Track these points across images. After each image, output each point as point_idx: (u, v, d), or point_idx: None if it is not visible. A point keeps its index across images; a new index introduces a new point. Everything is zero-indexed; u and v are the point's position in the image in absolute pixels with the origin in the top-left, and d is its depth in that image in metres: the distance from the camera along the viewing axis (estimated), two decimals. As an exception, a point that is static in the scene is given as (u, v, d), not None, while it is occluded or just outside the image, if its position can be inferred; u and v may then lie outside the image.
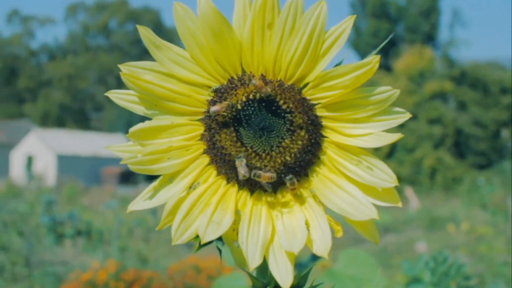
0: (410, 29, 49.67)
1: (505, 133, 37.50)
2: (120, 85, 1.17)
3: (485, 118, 38.41)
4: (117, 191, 30.19)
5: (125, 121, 50.99)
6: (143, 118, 1.20)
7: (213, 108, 1.14)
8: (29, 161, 42.85)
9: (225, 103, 1.14)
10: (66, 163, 41.83)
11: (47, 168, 40.75)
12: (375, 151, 1.15)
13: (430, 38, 50.48)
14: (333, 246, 1.07)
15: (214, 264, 8.54)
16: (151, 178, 1.17)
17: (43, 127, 53.30)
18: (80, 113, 65.58)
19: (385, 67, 44.52)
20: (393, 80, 39.76)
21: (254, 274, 1.21)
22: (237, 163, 1.14)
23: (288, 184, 1.15)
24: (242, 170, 1.14)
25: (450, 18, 57.80)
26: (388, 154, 35.93)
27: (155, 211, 17.77)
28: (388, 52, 48.69)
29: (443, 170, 34.92)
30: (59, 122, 61.54)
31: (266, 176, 1.14)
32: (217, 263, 8.51)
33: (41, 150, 42.98)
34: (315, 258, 3.06)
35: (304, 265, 3.00)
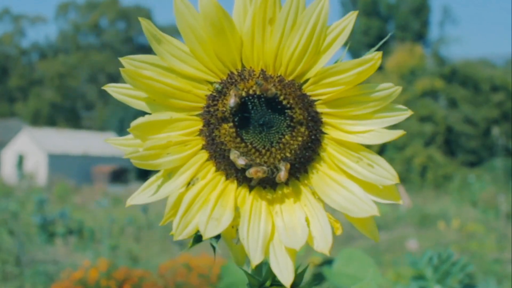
0: (400, 27, 49.87)
1: (495, 130, 37.59)
2: (111, 83, 1.17)
3: (476, 116, 38.55)
4: (108, 189, 30.07)
5: (117, 120, 50.91)
6: (136, 115, 1.18)
7: (232, 103, 1.12)
8: (20, 160, 42.66)
9: (236, 92, 1.12)
10: (57, 162, 41.70)
11: (38, 167, 40.62)
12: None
13: (420, 36, 50.69)
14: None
15: (205, 262, 8.55)
16: (142, 176, 1.16)
17: (34, 126, 53.15)
18: (71, 111, 65.37)
19: (376, 65, 44.56)
20: (383, 78, 39.82)
21: (249, 271, 1.19)
22: (232, 156, 1.13)
23: (282, 167, 1.12)
24: (241, 161, 1.12)
25: (441, 15, 57.90)
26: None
27: (146, 210, 17.74)
28: (379, 50, 48.84)
29: (434, 168, 34.98)
30: (50, 121, 61.34)
31: (254, 171, 1.12)
32: (208, 261, 8.53)
33: (32, 149, 42.83)
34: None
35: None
